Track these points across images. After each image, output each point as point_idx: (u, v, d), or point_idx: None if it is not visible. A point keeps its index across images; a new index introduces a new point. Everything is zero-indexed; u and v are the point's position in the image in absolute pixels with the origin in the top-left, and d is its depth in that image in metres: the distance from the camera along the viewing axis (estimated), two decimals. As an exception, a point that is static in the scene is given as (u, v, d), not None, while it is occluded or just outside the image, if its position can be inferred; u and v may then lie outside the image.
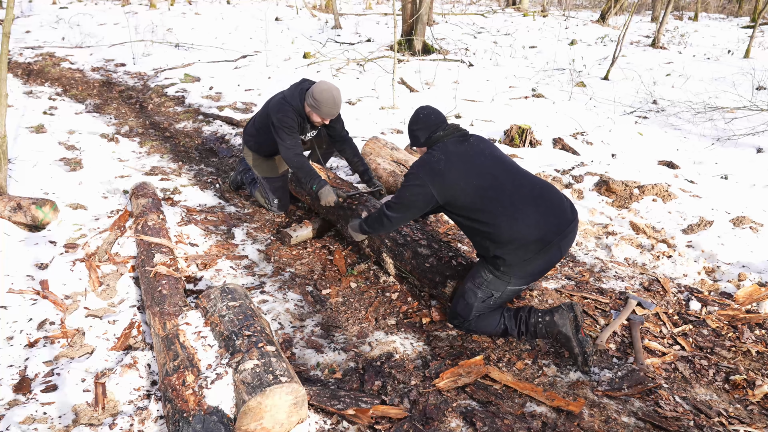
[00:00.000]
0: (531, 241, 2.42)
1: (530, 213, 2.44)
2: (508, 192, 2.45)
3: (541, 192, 2.53)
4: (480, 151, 2.57)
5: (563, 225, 2.49)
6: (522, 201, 2.45)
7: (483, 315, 2.60)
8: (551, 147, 5.39)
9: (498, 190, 2.45)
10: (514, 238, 2.42)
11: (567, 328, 2.45)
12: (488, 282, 2.54)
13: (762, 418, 2.25)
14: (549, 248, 2.45)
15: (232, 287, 2.43)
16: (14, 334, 2.48)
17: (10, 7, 3.42)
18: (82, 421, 2.05)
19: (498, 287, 2.54)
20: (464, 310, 2.61)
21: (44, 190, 3.87)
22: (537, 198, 2.49)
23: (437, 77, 8.15)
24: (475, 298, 2.57)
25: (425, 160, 2.55)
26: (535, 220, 2.43)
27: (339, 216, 3.46)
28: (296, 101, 3.44)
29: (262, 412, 1.88)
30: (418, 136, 2.69)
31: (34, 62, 8.65)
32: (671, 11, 15.39)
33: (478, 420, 2.11)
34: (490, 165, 2.52)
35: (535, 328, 2.53)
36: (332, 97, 3.34)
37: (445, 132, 2.61)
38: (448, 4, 19.93)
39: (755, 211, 3.96)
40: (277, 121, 3.43)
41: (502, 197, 2.44)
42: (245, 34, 11.71)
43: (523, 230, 2.42)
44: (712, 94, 7.41)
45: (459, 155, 2.52)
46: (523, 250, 2.43)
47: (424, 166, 2.53)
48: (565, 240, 2.51)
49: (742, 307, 2.98)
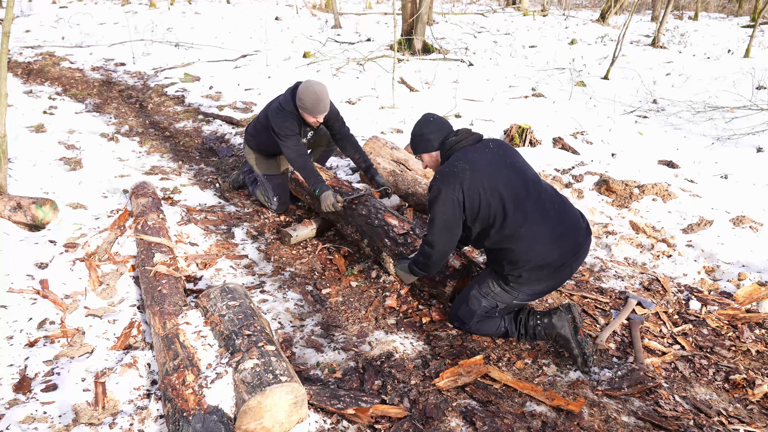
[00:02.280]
0: (547, 263, 2.37)
1: (550, 234, 2.36)
2: (530, 210, 2.35)
3: (561, 210, 2.43)
4: (503, 161, 2.43)
5: (579, 246, 2.43)
6: (542, 220, 2.36)
7: (484, 320, 2.59)
8: (551, 146, 5.39)
9: (520, 209, 2.34)
10: (531, 258, 2.36)
11: (566, 330, 2.44)
12: (495, 294, 2.51)
13: (762, 418, 2.26)
14: (562, 269, 2.41)
15: (232, 287, 2.43)
16: (14, 334, 2.48)
17: (10, 6, 3.42)
18: (82, 420, 2.05)
19: (504, 299, 2.51)
20: (466, 315, 2.60)
21: (44, 190, 3.87)
22: (557, 217, 2.40)
23: (437, 77, 8.15)
24: (478, 306, 2.55)
25: (446, 172, 2.39)
26: (555, 242, 2.36)
27: (339, 216, 3.46)
28: (291, 106, 3.47)
29: (262, 412, 1.88)
30: (431, 139, 2.53)
31: (34, 61, 8.65)
32: (671, 10, 15.38)
33: (478, 419, 2.11)
34: (515, 178, 2.39)
35: (534, 330, 2.52)
36: (315, 93, 3.36)
37: (458, 137, 2.49)
38: (448, 3, 19.93)
39: (755, 211, 3.96)
40: (277, 128, 3.47)
41: (523, 217, 2.34)
42: (245, 33, 11.70)
43: (541, 252, 2.36)
44: (712, 93, 7.40)
45: (483, 165, 2.38)
46: (538, 270, 2.39)
47: (446, 177, 2.37)
48: (578, 261, 2.46)
49: (742, 306, 2.98)
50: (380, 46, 10.57)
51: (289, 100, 3.49)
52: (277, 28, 12.48)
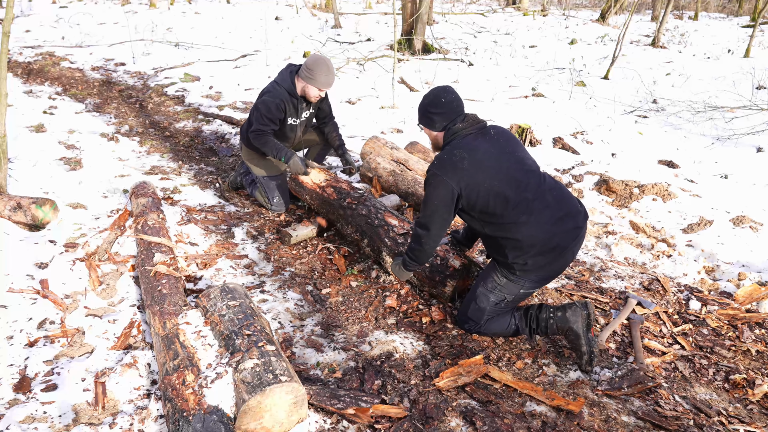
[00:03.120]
0: (550, 247, 2.38)
1: (551, 219, 2.37)
2: (531, 197, 2.36)
3: (560, 197, 2.45)
4: (503, 149, 2.42)
5: (579, 230, 2.45)
6: (543, 207, 2.37)
7: (493, 318, 2.58)
8: (551, 146, 5.39)
9: (521, 196, 2.35)
10: (534, 243, 2.37)
11: (578, 326, 2.42)
12: (501, 286, 2.50)
13: (762, 418, 2.26)
14: (565, 252, 2.42)
15: (232, 286, 2.43)
16: (14, 334, 2.48)
17: (10, 6, 3.42)
18: (82, 420, 2.05)
19: (511, 290, 2.51)
20: (476, 314, 2.59)
21: (44, 190, 3.87)
22: (557, 204, 2.41)
23: (437, 76, 8.15)
24: (487, 302, 2.54)
25: (445, 159, 2.38)
26: (556, 226, 2.38)
27: (339, 216, 3.46)
28: (287, 83, 3.54)
29: (262, 412, 1.88)
30: (434, 120, 2.49)
31: (34, 61, 8.64)
32: (671, 10, 15.38)
33: (478, 419, 2.11)
34: (515, 167, 2.39)
35: (546, 323, 2.50)
36: (326, 65, 3.46)
37: (464, 124, 2.46)
38: (448, 3, 19.93)
39: (755, 211, 3.96)
40: (261, 103, 3.55)
41: (525, 204, 2.35)
42: (245, 33, 11.70)
43: (544, 237, 2.36)
44: (712, 93, 7.40)
45: (483, 153, 2.37)
46: (542, 255, 2.39)
47: (445, 165, 2.37)
48: (579, 244, 2.47)
49: (741, 306, 2.98)
50: (380, 46, 10.56)
51: (286, 78, 3.56)
52: (277, 28, 12.48)
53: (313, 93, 3.55)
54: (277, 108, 3.54)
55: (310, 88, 3.53)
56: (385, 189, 4.15)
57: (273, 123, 3.59)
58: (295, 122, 3.75)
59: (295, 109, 3.66)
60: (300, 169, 3.52)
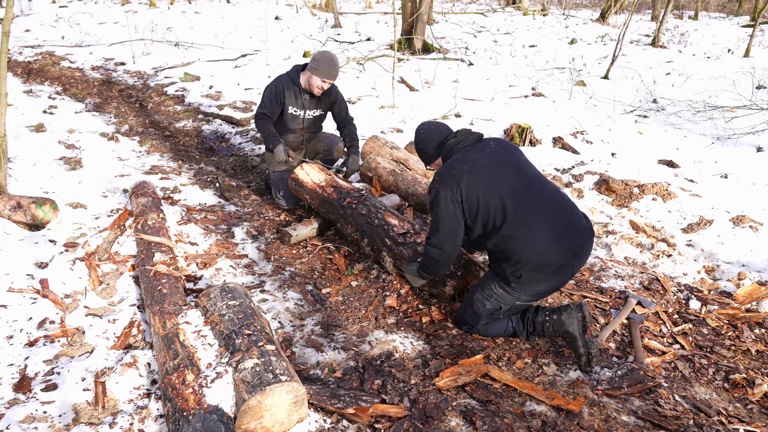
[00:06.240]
0: (548, 263, 2.37)
1: (550, 235, 2.35)
2: (530, 210, 2.34)
3: (563, 210, 2.42)
4: (503, 161, 2.43)
5: (580, 247, 2.42)
6: (543, 221, 2.35)
7: (490, 322, 2.60)
8: (551, 146, 5.39)
9: (520, 209, 2.33)
10: (530, 258, 2.36)
11: (574, 328, 2.42)
12: (498, 295, 2.51)
13: (761, 417, 2.26)
14: (563, 270, 2.41)
15: (231, 286, 2.43)
16: (14, 333, 2.48)
17: (10, 5, 3.42)
18: (82, 419, 2.05)
19: (507, 301, 2.51)
20: (472, 319, 2.61)
21: (44, 189, 3.87)
22: (558, 218, 2.39)
23: (437, 76, 8.14)
24: (483, 309, 2.55)
25: (445, 174, 2.40)
26: (555, 243, 2.35)
27: (339, 215, 3.46)
28: (292, 73, 3.82)
29: (262, 411, 1.89)
30: (427, 150, 2.59)
31: (34, 61, 8.64)
32: (671, 10, 15.38)
33: (478, 419, 2.11)
34: (515, 180, 2.39)
35: (543, 326, 2.51)
36: (330, 57, 3.67)
37: (457, 138, 2.50)
38: (448, 3, 19.92)
39: (755, 210, 3.96)
40: (264, 89, 3.84)
41: (524, 217, 2.33)
42: (245, 33, 11.69)
43: (541, 253, 2.35)
44: (712, 93, 7.40)
45: (483, 164, 2.38)
46: (538, 271, 2.38)
47: (446, 177, 2.39)
48: (580, 262, 2.44)
49: (741, 306, 2.98)
50: (380, 46, 10.56)
51: (293, 71, 3.82)
52: (277, 28, 12.47)
53: (316, 83, 3.69)
54: (276, 90, 3.76)
55: (313, 78, 3.68)
56: (385, 188, 4.16)
57: (272, 106, 3.79)
58: (296, 112, 3.88)
59: (296, 98, 3.82)
60: (282, 156, 3.71)
